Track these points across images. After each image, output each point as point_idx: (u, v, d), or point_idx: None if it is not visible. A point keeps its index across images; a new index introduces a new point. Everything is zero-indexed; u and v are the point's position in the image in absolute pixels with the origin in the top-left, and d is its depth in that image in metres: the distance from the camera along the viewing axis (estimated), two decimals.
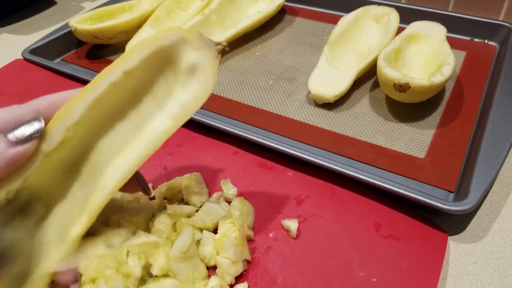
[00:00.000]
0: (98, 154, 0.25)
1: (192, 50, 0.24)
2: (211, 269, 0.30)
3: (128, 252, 0.28)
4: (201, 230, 0.32)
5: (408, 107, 0.42)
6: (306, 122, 0.42)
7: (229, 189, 0.35)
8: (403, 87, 0.37)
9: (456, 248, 0.32)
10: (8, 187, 0.22)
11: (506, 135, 0.37)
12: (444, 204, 0.31)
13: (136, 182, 0.29)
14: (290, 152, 0.37)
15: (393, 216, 0.33)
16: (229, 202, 0.35)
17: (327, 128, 0.41)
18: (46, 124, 0.23)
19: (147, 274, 0.29)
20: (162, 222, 0.31)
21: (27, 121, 0.22)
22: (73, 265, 0.25)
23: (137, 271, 0.27)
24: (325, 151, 0.38)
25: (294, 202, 0.35)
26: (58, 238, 0.24)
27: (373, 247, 0.31)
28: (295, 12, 0.61)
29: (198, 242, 0.31)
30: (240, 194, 0.36)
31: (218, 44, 0.25)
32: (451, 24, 0.49)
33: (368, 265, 0.30)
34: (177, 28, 0.24)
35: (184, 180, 0.35)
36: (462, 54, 0.49)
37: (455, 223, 0.34)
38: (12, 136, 0.21)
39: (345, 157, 0.38)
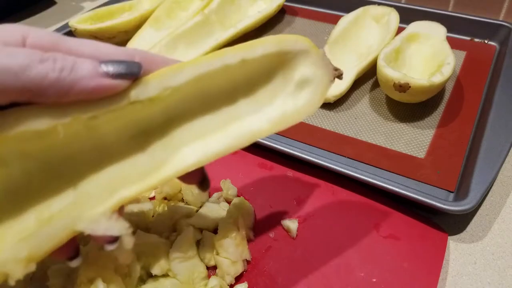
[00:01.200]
0: (179, 131, 0.24)
1: (310, 66, 0.24)
2: (211, 269, 0.30)
3: None
4: (201, 230, 0.32)
5: (408, 107, 0.42)
6: (306, 122, 0.42)
7: (229, 189, 0.35)
8: (403, 87, 0.37)
9: (456, 248, 0.32)
10: (78, 114, 0.21)
11: (506, 135, 0.37)
12: (444, 204, 0.31)
13: (198, 174, 0.27)
14: (290, 152, 0.37)
15: (393, 216, 0.33)
16: (229, 202, 0.35)
17: (327, 128, 0.41)
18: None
19: (146, 274, 0.29)
20: (162, 222, 0.32)
21: (126, 61, 0.21)
22: (107, 232, 0.22)
23: (136, 271, 0.27)
24: (325, 151, 0.38)
25: (294, 202, 0.35)
26: (101, 193, 0.22)
27: (373, 247, 0.31)
28: (295, 12, 0.61)
29: (198, 242, 0.31)
30: (240, 194, 0.36)
31: (337, 70, 0.24)
32: (451, 24, 0.49)
33: (368, 265, 0.30)
34: (305, 39, 0.24)
35: None
36: (462, 54, 0.49)
37: (455, 223, 0.34)
38: (106, 67, 0.20)
39: (345, 157, 0.38)
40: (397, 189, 0.33)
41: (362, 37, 0.50)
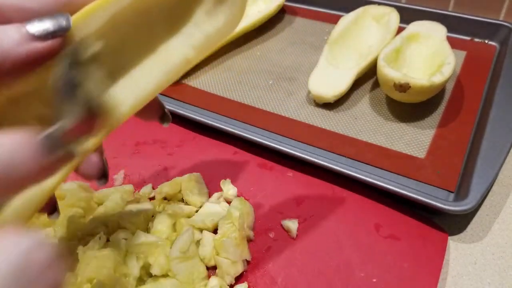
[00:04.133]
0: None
1: None
2: (211, 269, 0.30)
3: (126, 252, 0.28)
4: (201, 230, 0.32)
5: (408, 107, 0.42)
6: (306, 122, 0.42)
7: (229, 189, 0.35)
8: (403, 87, 0.37)
9: (456, 248, 0.32)
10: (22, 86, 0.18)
11: (506, 135, 0.37)
12: (444, 204, 0.31)
13: (156, 109, 0.26)
14: (290, 152, 0.37)
15: (393, 216, 0.33)
16: (229, 202, 0.34)
17: (327, 128, 0.41)
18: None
19: (146, 274, 0.29)
20: (162, 222, 0.32)
21: (50, 16, 0.18)
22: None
23: (135, 271, 0.27)
24: (325, 151, 0.38)
25: (294, 202, 0.35)
26: None
27: (373, 247, 0.31)
28: (295, 12, 0.61)
29: (198, 242, 0.31)
30: (240, 194, 0.35)
31: None
32: (451, 24, 0.49)
33: (368, 266, 0.30)
34: None
35: (184, 180, 0.35)
36: (462, 54, 0.49)
37: (455, 223, 0.34)
38: (32, 27, 0.17)
39: (345, 157, 0.38)
40: (397, 189, 0.33)
41: (362, 37, 0.50)
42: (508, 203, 0.35)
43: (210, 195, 0.35)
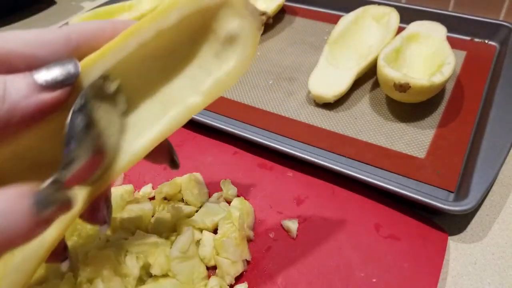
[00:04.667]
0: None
1: (235, 17, 0.21)
2: (211, 269, 0.30)
3: (126, 252, 0.28)
4: (201, 230, 0.32)
5: (408, 107, 0.42)
6: (306, 122, 0.42)
7: (229, 189, 0.35)
8: (403, 87, 0.37)
9: (456, 248, 0.32)
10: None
11: (506, 135, 0.37)
12: (444, 204, 0.31)
13: (165, 153, 0.26)
14: (290, 152, 0.37)
15: (393, 216, 0.33)
16: (229, 202, 0.34)
17: (327, 128, 0.41)
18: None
19: (146, 274, 0.29)
20: (162, 222, 0.32)
21: (58, 62, 0.17)
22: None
23: (135, 271, 0.27)
24: (325, 151, 0.38)
25: (294, 202, 0.35)
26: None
27: (373, 247, 0.31)
28: (295, 12, 0.61)
29: (198, 242, 0.31)
30: (240, 194, 0.35)
31: (263, 14, 0.21)
32: (451, 24, 0.49)
33: (368, 266, 0.30)
34: None
35: (184, 180, 0.35)
36: (462, 54, 0.49)
37: (456, 223, 0.34)
38: (40, 76, 0.17)
39: (345, 157, 0.38)
40: (397, 189, 0.33)
41: (362, 37, 0.50)
42: (508, 203, 0.35)
43: (210, 195, 0.35)
